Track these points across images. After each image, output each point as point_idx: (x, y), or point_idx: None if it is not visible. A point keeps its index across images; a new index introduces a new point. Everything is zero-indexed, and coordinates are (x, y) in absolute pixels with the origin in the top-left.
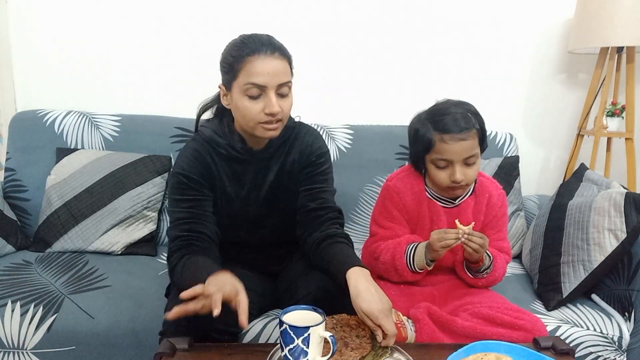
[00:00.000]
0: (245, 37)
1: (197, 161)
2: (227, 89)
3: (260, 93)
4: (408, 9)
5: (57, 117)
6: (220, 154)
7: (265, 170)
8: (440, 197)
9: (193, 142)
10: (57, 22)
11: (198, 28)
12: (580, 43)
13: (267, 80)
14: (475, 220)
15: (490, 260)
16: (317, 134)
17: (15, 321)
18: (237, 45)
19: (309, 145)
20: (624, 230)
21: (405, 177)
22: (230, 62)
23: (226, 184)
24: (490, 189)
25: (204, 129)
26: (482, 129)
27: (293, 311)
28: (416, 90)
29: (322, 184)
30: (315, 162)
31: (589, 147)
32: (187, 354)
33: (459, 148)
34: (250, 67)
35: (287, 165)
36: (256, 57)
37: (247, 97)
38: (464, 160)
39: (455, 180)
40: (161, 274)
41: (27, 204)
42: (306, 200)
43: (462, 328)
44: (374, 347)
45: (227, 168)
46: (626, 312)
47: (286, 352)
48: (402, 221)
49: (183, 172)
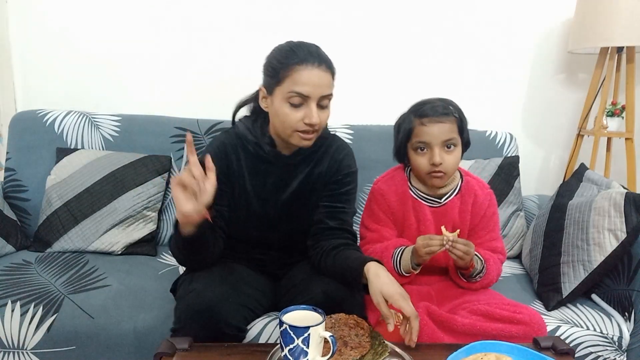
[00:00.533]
0: (294, 44)
1: (222, 154)
2: (269, 93)
3: (302, 102)
4: (408, 9)
5: (57, 117)
6: (247, 150)
7: (290, 176)
8: (426, 197)
9: (224, 134)
10: (57, 22)
11: (198, 28)
12: (580, 43)
13: (311, 91)
14: (462, 220)
15: (483, 264)
16: (349, 151)
17: (15, 321)
18: (286, 52)
19: (339, 162)
20: (624, 230)
21: (390, 179)
22: (277, 68)
23: (247, 180)
24: (476, 189)
25: (239, 124)
26: (462, 119)
27: (293, 311)
28: (416, 90)
29: (344, 204)
30: (342, 181)
31: (589, 147)
32: (187, 354)
33: (437, 130)
34: (296, 76)
35: (313, 176)
36: (303, 67)
37: (289, 104)
38: (443, 143)
39: (434, 163)
40: (161, 273)
41: (27, 204)
42: (324, 217)
43: (462, 326)
44: (373, 346)
45: (252, 165)
46: (626, 312)
47: (286, 352)
48: (388, 223)
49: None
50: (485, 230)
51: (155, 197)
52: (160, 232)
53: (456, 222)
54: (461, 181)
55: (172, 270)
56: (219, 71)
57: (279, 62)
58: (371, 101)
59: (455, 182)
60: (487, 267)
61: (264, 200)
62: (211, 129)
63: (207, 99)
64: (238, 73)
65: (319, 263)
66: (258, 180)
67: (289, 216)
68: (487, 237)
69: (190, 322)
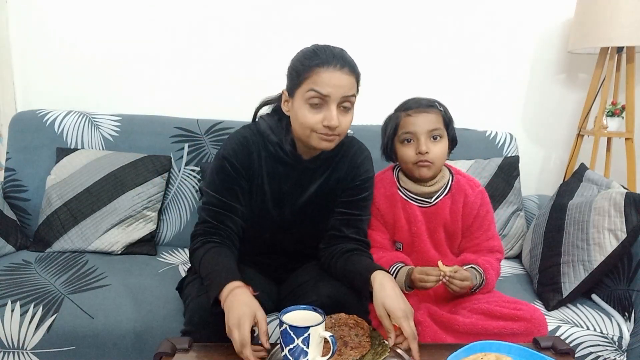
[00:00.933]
0: (318, 47)
1: (244, 148)
2: (290, 96)
3: (322, 103)
4: (408, 9)
5: (57, 117)
6: (267, 149)
7: (308, 180)
8: (415, 197)
9: (245, 129)
10: (57, 22)
11: (198, 28)
12: (580, 43)
13: (331, 91)
14: (453, 220)
15: (482, 277)
16: (368, 154)
17: (15, 321)
18: (309, 54)
19: (357, 167)
20: (624, 230)
21: (379, 182)
22: (299, 70)
23: (265, 180)
24: (466, 188)
25: (261, 120)
26: (447, 116)
27: (293, 311)
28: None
29: (360, 211)
30: (360, 187)
31: (589, 147)
32: (187, 354)
33: (422, 120)
34: (316, 77)
35: (331, 181)
36: (325, 68)
37: (309, 105)
38: (429, 132)
39: (421, 151)
40: (161, 272)
41: (27, 204)
42: (340, 223)
43: (464, 325)
44: (373, 346)
45: (271, 166)
46: (626, 312)
47: (286, 352)
48: (379, 227)
49: (228, 158)
50: (480, 230)
51: (155, 197)
52: (160, 232)
53: (447, 222)
54: (451, 180)
55: (172, 270)
56: (219, 71)
57: (301, 64)
58: (371, 101)
59: (444, 180)
60: (487, 277)
61: (280, 203)
62: (211, 129)
63: (207, 99)
64: (238, 73)
65: (329, 265)
66: (276, 183)
67: (303, 220)
68: (484, 237)
69: (202, 324)
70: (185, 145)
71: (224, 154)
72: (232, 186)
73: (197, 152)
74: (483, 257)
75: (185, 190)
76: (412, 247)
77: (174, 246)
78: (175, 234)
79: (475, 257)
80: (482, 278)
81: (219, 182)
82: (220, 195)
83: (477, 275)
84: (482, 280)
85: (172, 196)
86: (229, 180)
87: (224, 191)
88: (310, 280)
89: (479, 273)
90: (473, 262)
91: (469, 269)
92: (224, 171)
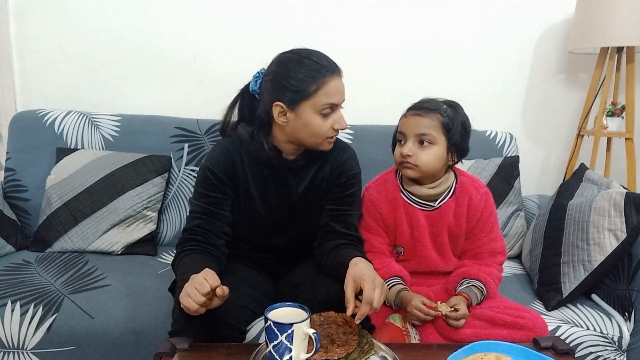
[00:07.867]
0: (315, 57)
1: (225, 158)
2: (290, 107)
3: (331, 111)
4: (408, 9)
5: (57, 117)
6: (250, 154)
7: (294, 180)
8: (419, 201)
9: (226, 139)
10: (57, 22)
11: (198, 28)
12: (580, 43)
13: (340, 99)
14: (458, 223)
15: (483, 293)
16: (352, 152)
17: (15, 321)
18: (310, 65)
19: (341, 165)
20: (624, 230)
21: (381, 184)
22: (305, 82)
23: (251, 184)
24: (471, 190)
25: (241, 129)
26: (452, 121)
27: (279, 308)
28: (416, 90)
29: (349, 206)
30: (346, 183)
31: (589, 147)
32: (187, 354)
33: (413, 122)
34: (328, 88)
35: (317, 180)
36: (331, 78)
37: (321, 115)
38: (417, 136)
39: (402, 153)
40: (161, 272)
41: (27, 204)
42: (330, 220)
43: (466, 336)
44: (360, 344)
45: (255, 170)
46: (626, 312)
47: (270, 349)
48: (379, 231)
49: (210, 168)
50: (483, 232)
51: (155, 197)
52: (160, 232)
53: (451, 225)
54: (455, 182)
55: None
56: (219, 71)
57: (307, 77)
58: (371, 101)
59: (449, 183)
60: (489, 291)
61: (269, 205)
62: (211, 129)
63: (207, 99)
64: (238, 73)
65: (321, 263)
66: (262, 185)
67: (294, 220)
68: (487, 239)
69: (188, 324)
70: (185, 145)
71: (206, 164)
72: (216, 194)
73: (197, 152)
74: (484, 269)
75: (185, 190)
76: (414, 252)
77: (173, 246)
78: (175, 234)
79: (476, 271)
80: (484, 294)
81: (201, 190)
82: (203, 203)
83: (477, 294)
84: (482, 297)
85: (172, 196)
86: (211, 189)
87: (207, 198)
88: (309, 277)
89: (480, 290)
90: (474, 277)
91: (469, 289)
92: (206, 181)
